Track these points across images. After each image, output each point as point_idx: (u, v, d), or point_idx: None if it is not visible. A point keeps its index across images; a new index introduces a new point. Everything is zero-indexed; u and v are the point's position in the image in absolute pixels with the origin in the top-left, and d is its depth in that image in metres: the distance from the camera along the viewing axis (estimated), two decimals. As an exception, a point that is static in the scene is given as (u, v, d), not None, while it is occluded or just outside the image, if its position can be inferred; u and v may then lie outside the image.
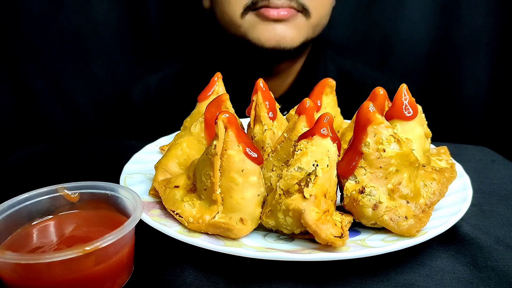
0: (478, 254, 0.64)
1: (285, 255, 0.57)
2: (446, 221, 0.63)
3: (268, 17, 1.12)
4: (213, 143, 0.64)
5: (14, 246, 0.58)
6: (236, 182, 0.63)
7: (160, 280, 0.60)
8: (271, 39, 1.14)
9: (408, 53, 1.48)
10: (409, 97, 0.75)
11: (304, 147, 0.63)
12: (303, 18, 1.16)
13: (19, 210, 0.61)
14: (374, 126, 0.64)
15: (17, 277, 0.52)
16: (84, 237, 0.61)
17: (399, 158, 0.63)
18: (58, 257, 0.49)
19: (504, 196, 0.82)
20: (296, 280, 0.59)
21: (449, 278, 0.59)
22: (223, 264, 0.62)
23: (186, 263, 0.62)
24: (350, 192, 0.64)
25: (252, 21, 1.14)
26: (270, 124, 0.80)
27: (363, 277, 0.60)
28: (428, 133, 0.78)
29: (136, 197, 0.61)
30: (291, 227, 0.61)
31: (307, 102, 0.72)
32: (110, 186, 0.64)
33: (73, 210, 0.65)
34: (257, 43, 1.15)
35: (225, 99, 0.77)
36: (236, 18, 1.15)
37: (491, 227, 0.71)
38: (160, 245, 0.66)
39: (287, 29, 1.14)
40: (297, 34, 1.16)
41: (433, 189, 0.66)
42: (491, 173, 0.91)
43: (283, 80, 1.35)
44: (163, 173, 0.74)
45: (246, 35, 1.16)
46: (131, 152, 0.89)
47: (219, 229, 0.61)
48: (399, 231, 0.61)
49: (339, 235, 0.58)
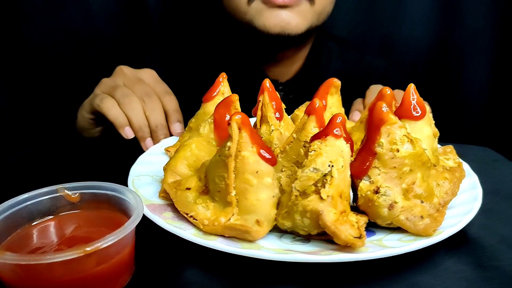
0: (482, 254, 0.64)
1: (305, 257, 0.56)
2: (460, 220, 0.63)
3: (273, 3, 1.14)
4: (227, 145, 0.63)
5: (14, 247, 0.57)
6: (251, 183, 0.62)
7: (161, 280, 0.59)
8: (276, 25, 1.16)
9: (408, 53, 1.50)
10: (417, 96, 0.75)
11: (318, 147, 0.63)
12: (307, 4, 1.18)
13: (19, 210, 0.60)
14: (387, 126, 0.64)
15: (17, 277, 0.52)
16: (85, 238, 0.60)
17: (413, 158, 0.64)
18: (59, 258, 0.49)
19: (507, 196, 0.82)
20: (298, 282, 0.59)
21: (452, 278, 0.59)
22: (224, 264, 0.61)
23: (187, 263, 0.62)
24: (365, 192, 0.64)
25: (258, 8, 1.17)
26: (277, 124, 0.80)
27: (366, 278, 0.59)
28: (436, 132, 0.78)
29: (137, 197, 0.61)
30: (308, 228, 0.61)
31: (317, 102, 0.72)
32: (110, 186, 0.64)
33: (73, 210, 0.64)
34: (262, 29, 1.18)
35: (235, 100, 0.76)
36: (243, 4, 1.18)
37: (494, 226, 0.71)
38: (161, 245, 0.65)
39: (292, 15, 1.17)
40: (302, 21, 1.18)
41: (445, 189, 0.67)
42: (493, 172, 0.91)
43: (288, 66, 1.38)
44: (173, 175, 0.73)
45: (252, 22, 1.18)
46: (134, 153, 0.88)
47: (236, 231, 0.61)
48: (416, 230, 0.61)
49: (358, 235, 0.58)
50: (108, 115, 0.96)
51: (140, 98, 0.99)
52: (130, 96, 0.98)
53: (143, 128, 0.97)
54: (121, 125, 0.97)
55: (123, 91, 0.99)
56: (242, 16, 1.20)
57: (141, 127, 0.97)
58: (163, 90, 1.05)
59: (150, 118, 0.98)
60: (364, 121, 0.85)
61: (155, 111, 0.98)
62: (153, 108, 0.99)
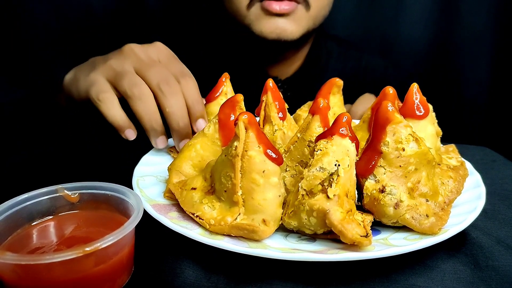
0: (479, 254, 0.64)
1: (312, 256, 0.57)
2: (465, 218, 0.64)
3: (270, 11, 1.17)
4: (233, 144, 0.63)
5: (14, 247, 0.57)
6: (258, 183, 0.62)
7: (160, 280, 0.59)
8: (273, 32, 1.20)
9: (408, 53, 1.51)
10: (420, 96, 0.76)
11: (324, 147, 0.63)
12: (303, 9, 1.21)
13: (19, 210, 0.61)
14: (393, 126, 0.64)
15: (17, 277, 0.52)
16: (84, 238, 0.60)
17: (418, 157, 0.64)
18: (58, 258, 0.49)
19: (505, 196, 0.82)
20: (296, 280, 0.59)
21: (450, 279, 0.60)
22: (223, 264, 0.61)
23: (187, 263, 0.61)
24: (371, 191, 0.64)
25: (257, 14, 1.20)
26: (280, 124, 0.80)
27: (363, 278, 0.59)
28: (439, 131, 0.79)
29: (137, 197, 0.61)
30: (314, 227, 0.61)
31: (321, 102, 0.72)
32: (110, 187, 0.64)
33: (73, 210, 0.64)
34: (259, 35, 1.21)
35: (240, 100, 0.76)
36: (242, 9, 1.20)
37: (492, 227, 0.72)
38: (160, 245, 0.65)
39: (287, 22, 1.19)
40: (297, 27, 1.21)
41: (450, 187, 0.68)
42: (492, 173, 0.91)
43: (288, 65, 1.40)
44: (177, 175, 0.73)
45: (250, 26, 1.21)
46: (135, 153, 0.87)
47: (243, 230, 0.61)
48: (422, 229, 0.62)
49: (364, 234, 0.58)
50: (107, 115, 0.84)
51: (156, 87, 0.83)
52: (140, 87, 0.83)
53: (155, 128, 0.84)
54: (122, 129, 0.85)
55: (131, 79, 0.83)
56: (241, 19, 1.23)
57: (153, 127, 0.84)
58: (180, 71, 0.89)
59: (171, 116, 0.83)
60: (367, 120, 0.86)
61: (175, 106, 0.83)
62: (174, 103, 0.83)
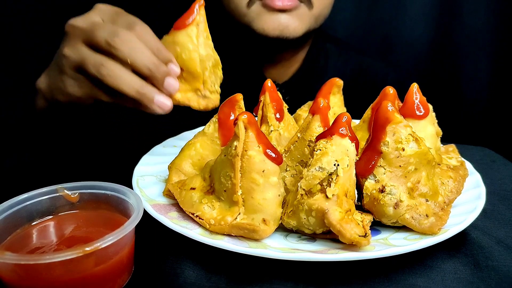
0: (479, 254, 0.64)
1: (312, 256, 0.57)
2: (465, 218, 0.64)
3: (273, 7, 1.15)
4: (233, 144, 0.63)
5: (14, 247, 0.57)
6: (257, 183, 0.62)
7: (160, 280, 0.59)
8: (275, 28, 1.17)
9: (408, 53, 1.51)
10: (420, 96, 0.76)
11: (324, 147, 0.63)
12: (305, 8, 1.19)
13: (19, 210, 0.61)
14: (393, 126, 0.64)
15: (17, 277, 0.52)
16: (84, 238, 0.60)
17: (418, 157, 0.64)
18: (58, 258, 0.49)
19: (505, 196, 0.82)
20: (297, 280, 0.59)
21: (450, 279, 0.60)
22: (224, 264, 0.61)
23: (187, 263, 0.62)
24: (370, 191, 0.64)
25: (258, 11, 1.17)
26: (276, 125, 0.80)
27: (364, 278, 0.60)
28: (439, 131, 0.79)
29: (137, 197, 0.61)
30: (313, 227, 0.61)
31: (321, 102, 0.72)
32: (110, 186, 0.64)
33: (73, 210, 0.64)
34: (261, 32, 1.18)
35: (239, 99, 0.76)
36: (242, 7, 1.18)
37: (492, 227, 0.72)
38: (160, 245, 0.65)
39: (290, 18, 1.17)
40: (300, 24, 1.19)
41: (450, 187, 0.67)
42: (491, 173, 0.91)
43: (287, 68, 1.39)
44: (177, 174, 0.74)
45: (251, 24, 1.19)
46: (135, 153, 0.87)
47: (243, 230, 0.61)
48: (421, 229, 0.62)
49: (363, 234, 0.58)
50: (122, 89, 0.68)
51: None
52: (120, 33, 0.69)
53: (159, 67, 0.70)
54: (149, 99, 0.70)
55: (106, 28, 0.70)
56: (241, 17, 1.21)
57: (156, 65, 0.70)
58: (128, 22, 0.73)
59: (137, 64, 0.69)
60: (367, 120, 0.86)
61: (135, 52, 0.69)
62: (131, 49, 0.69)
